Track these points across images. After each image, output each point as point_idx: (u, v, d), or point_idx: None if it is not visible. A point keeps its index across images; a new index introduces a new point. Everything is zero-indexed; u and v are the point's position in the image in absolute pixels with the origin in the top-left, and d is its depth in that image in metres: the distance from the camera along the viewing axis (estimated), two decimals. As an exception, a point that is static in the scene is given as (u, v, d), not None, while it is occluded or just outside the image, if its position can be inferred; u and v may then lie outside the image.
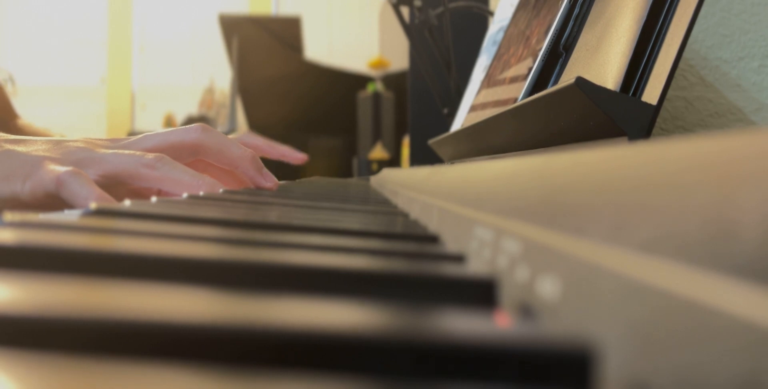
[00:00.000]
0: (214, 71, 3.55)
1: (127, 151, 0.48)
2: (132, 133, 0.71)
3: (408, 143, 1.38)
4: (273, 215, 0.29)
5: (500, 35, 0.75)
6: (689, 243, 0.09)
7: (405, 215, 0.37)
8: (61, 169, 0.44)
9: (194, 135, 0.51)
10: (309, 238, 0.21)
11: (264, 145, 0.65)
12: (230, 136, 0.57)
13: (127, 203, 0.27)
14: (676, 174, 0.10)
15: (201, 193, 0.40)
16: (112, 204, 0.26)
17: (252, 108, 2.36)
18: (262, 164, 0.53)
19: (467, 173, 0.28)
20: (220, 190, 0.45)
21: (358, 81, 2.26)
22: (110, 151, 0.48)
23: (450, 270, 0.16)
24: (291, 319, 0.10)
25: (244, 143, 0.63)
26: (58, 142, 0.48)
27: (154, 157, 0.47)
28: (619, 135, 0.31)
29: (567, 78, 0.40)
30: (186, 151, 0.51)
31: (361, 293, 0.15)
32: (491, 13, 1.01)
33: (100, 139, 0.51)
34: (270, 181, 0.53)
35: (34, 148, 0.48)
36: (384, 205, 0.45)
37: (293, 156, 0.67)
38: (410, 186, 0.45)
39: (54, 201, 0.44)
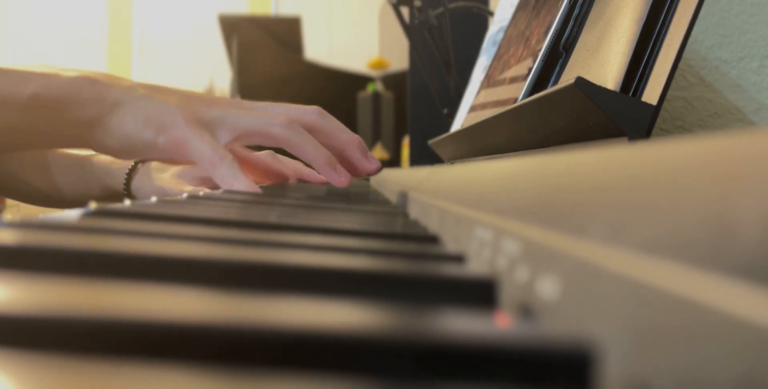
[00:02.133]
0: (214, 71, 3.55)
1: (258, 113, 0.51)
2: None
3: (408, 143, 1.38)
4: (273, 215, 0.29)
5: (500, 35, 0.75)
6: (689, 243, 0.09)
7: (405, 215, 0.37)
8: (195, 129, 0.48)
9: (313, 117, 0.54)
10: (309, 238, 0.21)
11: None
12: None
13: (126, 203, 0.27)
14: (675, 174, 0.10)
15: (201, 193, 0.40)
16: (114, 204, 0.26)
17: (252, 108, 2.35)
18: (368, 149, 0.56)
19: (467, 173, 0.28)
20: (220, 191, 0.45)
21: (358, 81, 2.26)
22: (242, 111, 0.51)
23: (450, 270, 0.16)
24: (291, 319, 0.10)
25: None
26: (192, 96, 0.52)
27: (285, 118, 0.50)
28: (618, 135, 0.31)
29: (567, 78, 0.40)
30: (271, 141, 0.52)
31: (360, 293, 0.15)
32: (491, 14, 1.01)
33: (223, 98, 0.54)
34: (374, 164, 0.56)
35: (169, 96, 0.50)
36: (384, 205, 0.45)
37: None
38: (410, 186, 0.45)
39: (183, 157, 0.48)
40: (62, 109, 0.49)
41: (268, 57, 2.33)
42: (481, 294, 0.15)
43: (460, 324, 0.11)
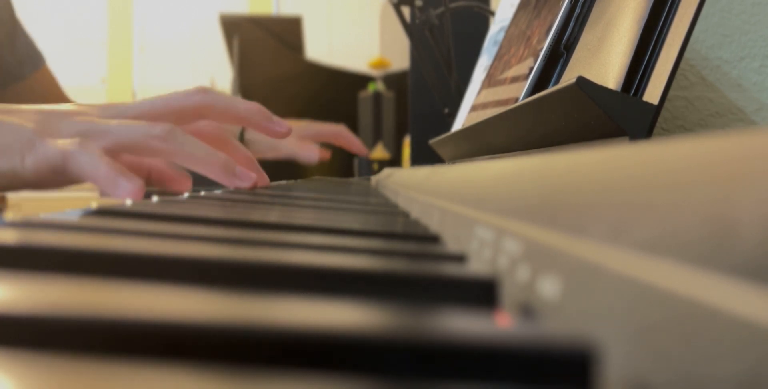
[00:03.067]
0: (215, 71, 3.55)
1: (132, 122, 0.44)
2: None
3: (409, 143, 1.38)
4: (274, 215, 0.29)
5: (501, 35, 0.75)
6: (690, 243, 0.09)
7: (406, 215, 0.37)
8: (65, 142, 0.40)
9: (197, 97, 0.47)
10: (310, 238, 0.21)
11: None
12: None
13: (128, 203, 0.27)
14: (677, 174, 0.10)
15: (202, 192, 0.40)
16: (113, 204, 0.26)
17: (253, 108, 2.36)
18: (271, 114, 0.51)
19: (468, 173, 0.28)
20: (219, 190, 0.45)
21: (359, 81, 2.26)
22: (113, 121, 0.44)
23: (451, 270, 0.16)
24: (292, 319, 0.10)
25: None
26: (51, 113, 0.44)
27: (164, 127, 0.43)
28: (620, 135, 0.31)
29: (568, 78, 0.40)
30: (190, 114, 0.47)
31: (361, 293, 0.15)
32: (492, 13, 1.01)
33: (91, 105, 0.47)
34: (283, 127, 0.50)
35: (26, 118, 0.43)
36: (384, 205, 0.45)
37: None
38: (411, 186, 0.45)
39: (58, 177, 0.41)
40: None
41: (269, 57, 2.33)
42: (481, 293, 0.15)
43: (461, 324, 0.11)
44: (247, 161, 0.54)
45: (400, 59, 2.06)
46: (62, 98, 0.87)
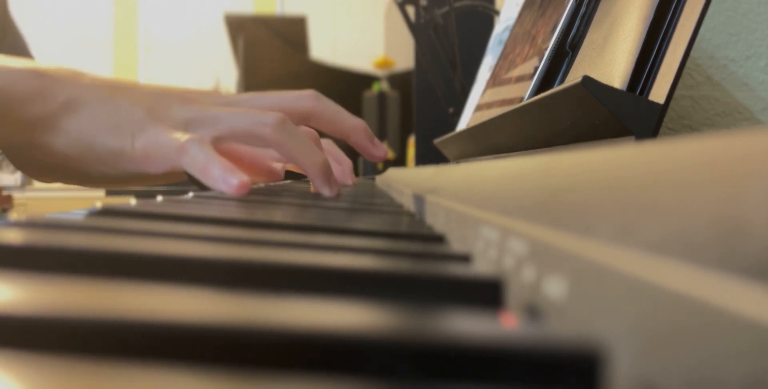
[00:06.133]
0: (220, 70, 3.56)
1: (243, 109, 0.44)
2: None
3: (413, 142, 1.38)
4: (278, 214, 0.29)
5: (506, 34, 0.75)
6: (698, 243, 0.09)
7: (410, 215, 0.37)
8: (180, 135, 0.41)
9: (309, 102, 0.47)
10: (314, 238, 0.21)
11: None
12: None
13: (132, 202, 0.27)
14: (683, 173, 0.10)
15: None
16: (120, 203, 0.26)
17: (257, 107, 2.36)
18: (372, 135, 0.51)
19: (473, 173, 0.28)
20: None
21: (364, 80, 2.26)
22: (224, 109, 0.44)
23: (456, 270, 0.16)
24: (296, 320, 0.10)
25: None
26: (163, 95, 0.45)
27: (276, 116, 0.43)
28: (625, 134, 0.30)
29: (573, 77, 0.40)
30: (297, 117, 0.47)
31: (366, 293, 0.15)
32: (497, 13, 1.01)
33: (202, 92, 0.47)
34: (381, 150, 0.50)
35: (137, 98, 0.43)
36: (389, 205, 0.45)
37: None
38: (416, 185, 0.45)
39: (164, 164, 0.42)
40: None
41: (274, 56, 2.33)
42: (487, 294, 0.15)
43: (466, 325, 0.11)
44: (345, 169, 0.56)
45: (404, 59, 2.06)
46: None
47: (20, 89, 0.41)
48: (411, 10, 0.99)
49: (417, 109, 1.24)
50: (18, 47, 0.90)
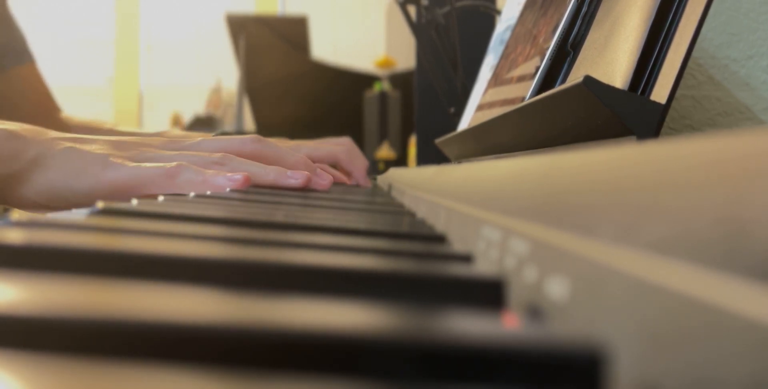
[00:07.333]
0: (221, 70, 3.56)
1: (192, 152, 0.51)
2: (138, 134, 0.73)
3: (414, 142, 1.38)
4: (279, 214, 0.29)
5: (507, 34, 0.75)
6: (700, 243, 0.09)
7: (412, 214, 0.37)
8: (158, 164, 0.46)
9: (251, 146, 0.54)
10: (315, 238, 0.21)
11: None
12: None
13: (134, 202, 0.27)
14: (685, 173, 0.10)
15: (207, 192, 0.40)
16: (121, 203, 0.26)
17: (259, 107, 2.36)
18: (314, 167, 0.56)
19: (474, 172, 0.28)
20: (227, 189, 0.45)
21: (365, 80, 2.26)
22: (175, 152, 0.50)
23: (457, 270, 0.16)
24: (298, 320, 0.10)
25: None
26: (119, 141, 0.50)
27: (222, 155, 0.50)
28: (627, 134, 0.30)
29: (575, 77, 0.40)
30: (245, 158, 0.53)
31: (367, 293, 0.15)
32: (498, 12, 1.00)
33: (153, 138, 0.54)
34: (325, 179, 0.55)
35: (96, 146, 0.49)
36: (390, 205, 0.45)
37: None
38: (417, 185, 0.45)
39: (150, 191, 0.46)
40: None
41: (275, 56, 2.33)
42: (488, 294, 0.15)
43: (468, 326, 0.11)
44: (302, 164, 0.62)
45: (405, 58, 2.06)
46: (46, 100, 0.87)
47: None
48: (412, 9, 0.99)
49: (418, 108, 1.24)
50: (15, 42, 0.90)
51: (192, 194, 0.36)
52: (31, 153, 0.47)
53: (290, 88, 2.34)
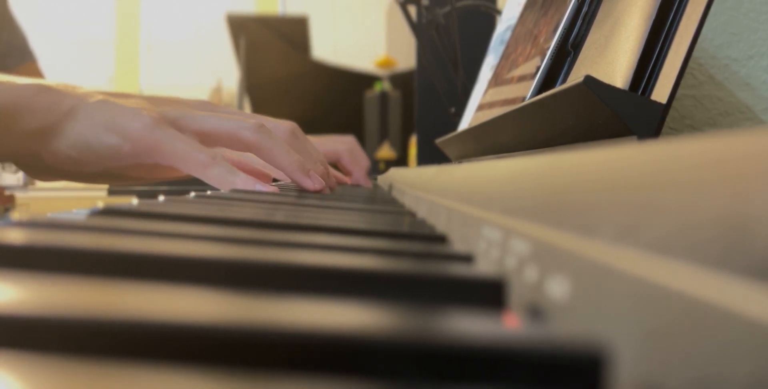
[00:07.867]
0: (222, 70, 3.56)
1: (227, 115, 0.51)
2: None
3: (415, 142, 1.38)
4: (280, 214, 0.29)
5: (508, 34, 0.75)
6: (700, 243, 0.09)
7: (412, 215, 0.37)
8: (201, 152, 0.46)
9: (251, 135, 0.52)
10: (316, 238, 0.21)
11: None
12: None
13: (134, 202, 0.27)
14: (686, 173, 0.10)
15: (208, 192, 0.40)
16: (122, 203, 0.26)
17: (259, 107, 2.36)
18: (308, 168, 0.55)
19: (475, 172, 0.28)
20: (228, 189, 0.45)
21: (365, 80, 2.26)
22: (208, 113, 0.50)
23: (458, 270, 0.16)
24: (299, 320, 0.10)
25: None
26: (152, 98, 0.51)
27: (255, 123, 0.49)
28: (628, 134, 0.30)
29: (575, 77, 0.40)
30: (240, 145, 0.51)
31: (368, 293, 0.15)
32: (499, 12, 1.00)
33: (190, 99, 0.55)
34: (317, 182, 0.53)
35: (130, 101, 0.49)
36: (391, 205, 0.45)
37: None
38: (417, 185, 0.45)
39: (151, 165, 0.47)
40: (10, 118, 0.47)
41: (276, 56, 2.33)
42: (489, 294, 0.15)
43: (469, 326, 0.11)
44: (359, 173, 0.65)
45: (406, 58, 2.06)
46: None
47: (33, 103, 0.47)
48: (413, 9, 0.99)
49: (419, 108, 1.24)
50: (17, 41, 0.90)
51: (192, 194, 0.36)
52: (65, 106, 0.47)
53: (290, 88, 2.34)
